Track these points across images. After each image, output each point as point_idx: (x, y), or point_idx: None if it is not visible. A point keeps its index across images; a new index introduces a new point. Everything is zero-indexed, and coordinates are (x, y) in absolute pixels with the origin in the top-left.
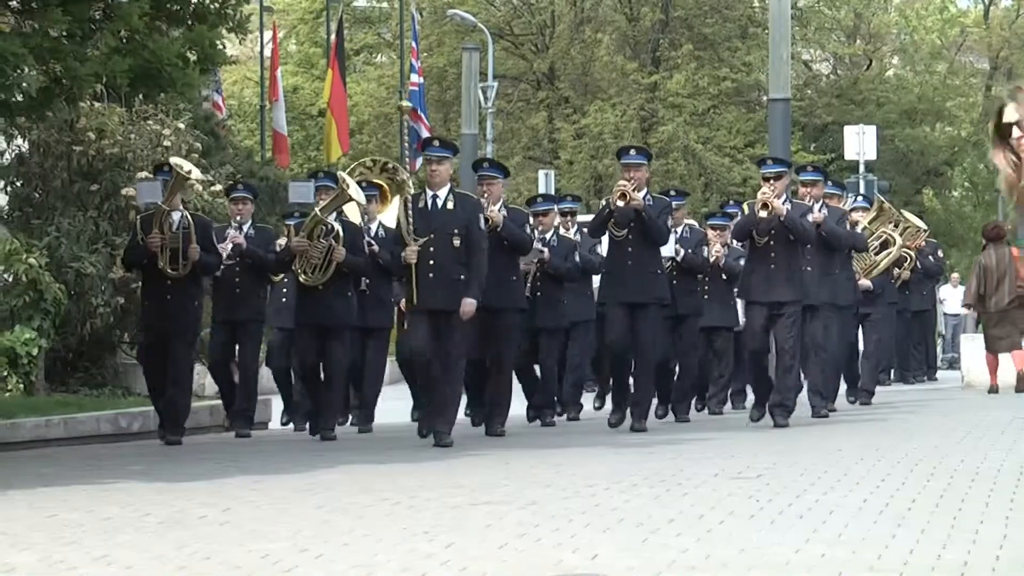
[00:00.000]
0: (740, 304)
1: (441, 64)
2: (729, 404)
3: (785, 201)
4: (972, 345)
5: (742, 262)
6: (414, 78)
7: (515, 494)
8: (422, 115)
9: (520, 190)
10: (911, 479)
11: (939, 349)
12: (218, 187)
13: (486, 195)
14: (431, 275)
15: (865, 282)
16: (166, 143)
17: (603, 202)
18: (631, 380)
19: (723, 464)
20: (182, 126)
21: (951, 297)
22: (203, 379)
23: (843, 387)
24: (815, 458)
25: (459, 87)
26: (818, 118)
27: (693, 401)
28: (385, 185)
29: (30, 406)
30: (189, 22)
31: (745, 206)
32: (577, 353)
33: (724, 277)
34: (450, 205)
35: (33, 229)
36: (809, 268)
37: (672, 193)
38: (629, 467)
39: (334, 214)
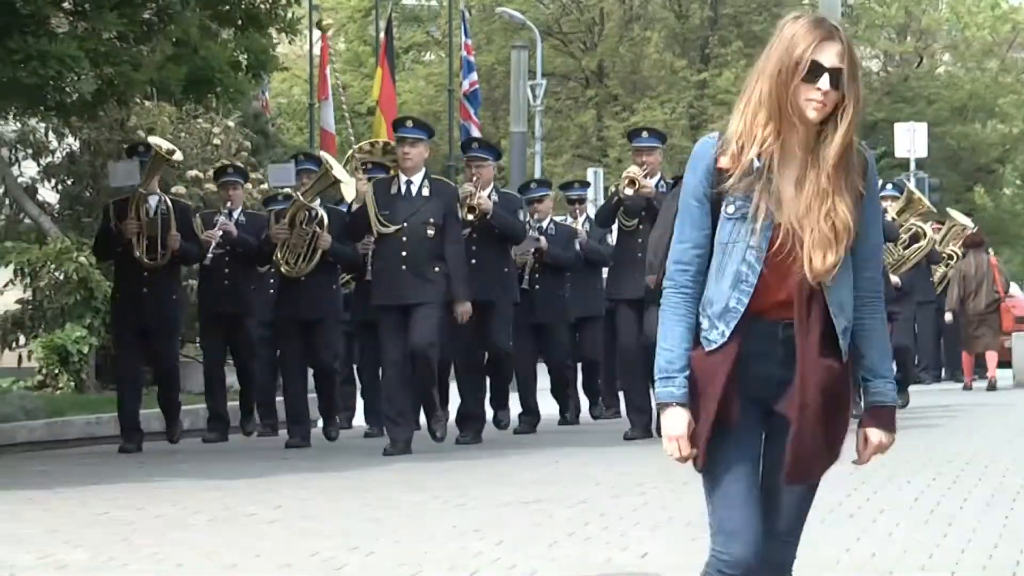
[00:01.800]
0: None
1: (490, 62)
2: None
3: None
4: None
5: None
6: (473, 76)
7: (564, 492)
8: (472, 113)
9: None
10: (961, 478)
11: None
12: (266, 185)
13: (475, 179)
14: (403, 267)
15: (894, 278)
16: (215, 141)
17: (611, 189)
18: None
19: None
20: (231, 124)
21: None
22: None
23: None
24: None
25: (507, 85)
26: (868, 115)
27: None
28: (390, 165)
29: (81, 404)
30: (240, 23)
31: None
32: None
33: None
34: (425, 192)
35: (84, 227)
36: None
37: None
38: (678, 465)
39: (319, 199)
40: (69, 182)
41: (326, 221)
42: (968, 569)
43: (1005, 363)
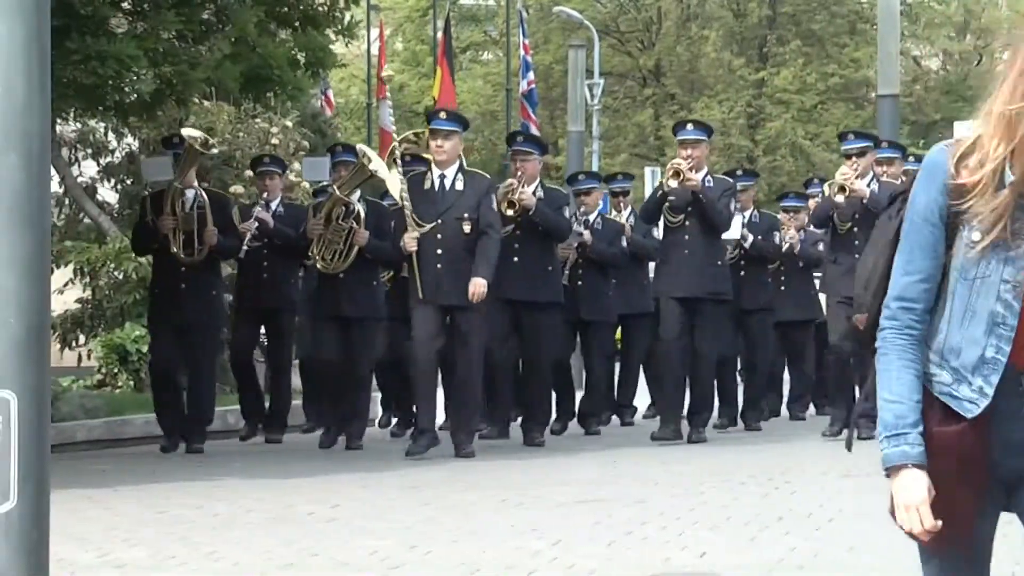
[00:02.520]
0: (823, 297)
1: (547, 62)
2: (812, 409)
3: (870, 182)
4: None
5: (820, 247)
6: (530, 76)
7: (622, 492)
8: (531, 112)
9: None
10: None
11: None
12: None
13: (520, 173)
14: (439, 266)
15: None
16: (274, 141)
17: (656, 183)
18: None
19: (831, 462)
20: (289, 124)
21: None
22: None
23: None
24: None
25: (565, 84)
26: (926, 115)
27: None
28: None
29: (140, 403)
30: (298, 24)
31: (826, 187)
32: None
33: (800, 265)
34: (459, 186)
35: None
36: None
37: (739, 173)
38: (736, 465)
39: (357, 193)
40: (128, 182)
41: (363, 216)
42: None
43: None
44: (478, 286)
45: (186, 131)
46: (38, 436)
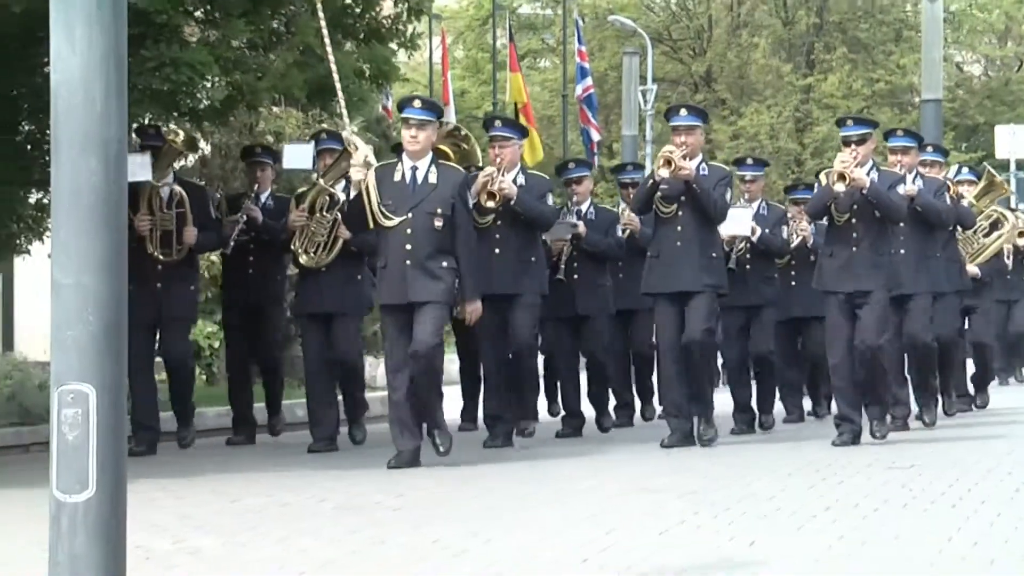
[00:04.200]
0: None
1: (602, 68)
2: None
3: (870, 171)
4: None
5: None
6: (588, 82)
7: (675, 483)
8: (592, 117)
9: None
10: None
11: None
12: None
13: (499, 160)
14: (407, 262)
15: (972, 268)
16: None
17: (647, 172)
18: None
19: (876, 453)
20: (355, 129)
21: None
22: (374, 371)
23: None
24: (965, 448)
25: (619, 90)
26: (970, 119)
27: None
28: (449, 150)
29: (212, 396)
30: (362, 36)
31: (822, 176)
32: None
33: (812, 259)
34: (432, 179)
35: None
36: (902, 251)
37: (749, 162)
38: (784, 457)
39: (343, 182)
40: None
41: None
42: None
43: None
44: (474, 310)
45: (170, 127)
46: (115, 428)
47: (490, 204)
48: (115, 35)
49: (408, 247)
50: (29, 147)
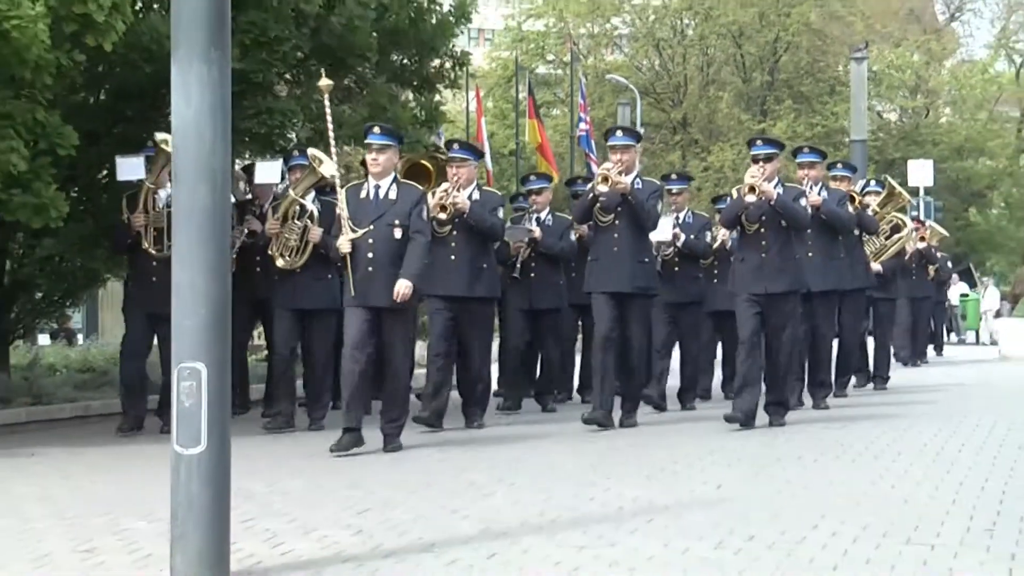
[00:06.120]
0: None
1: (601, 115)
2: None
3: (776, 184)
4: (1009, 327)
5: None
6: (582, 126)
7: (655, 440)
8: (591, 154)
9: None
10: (960, 429)
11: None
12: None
13: (456, 178)
14: (369, 269)
15: (876, 266)
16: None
17: (588, 186)
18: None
19: (815, 416)
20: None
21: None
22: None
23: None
24: (884, 411)
25: None
26: (888, 155)
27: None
28: (428, 164)
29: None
30: (415, 84)
31: (734, 191)
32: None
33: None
34: (392, 195)
35: None
36: (810, 254)
37: (673, 177)
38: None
39: (312, 194)
40: None
41: (316, 215)
42: (966, 496)
43: None
44: (403, 287)
45: (159, 135)
46: (221, 396)
47: (442, 216)
48: (221, 92)
49: (370, 255)
50: None
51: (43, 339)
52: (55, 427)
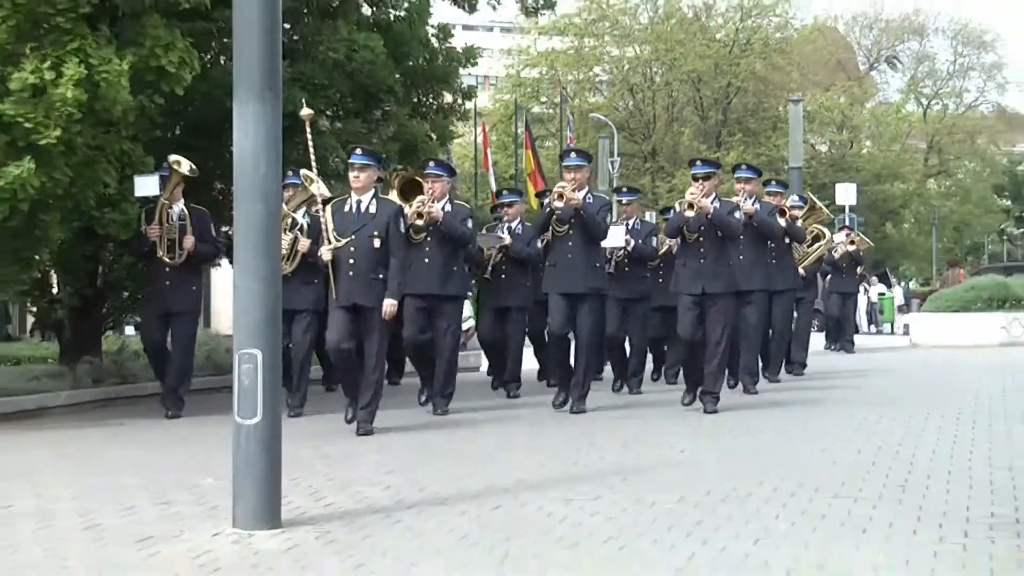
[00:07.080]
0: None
1: (585, 146)
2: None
3: (713, 200)
4: (918, 319)
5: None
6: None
7: (632, 413)
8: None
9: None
10: (885, 415)
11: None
12: None
13: (431, 192)
14: (351, 273)
15: (799, 270)
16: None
17: (545, 202)
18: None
19: (761, 396)
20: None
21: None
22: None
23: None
24: (816, 392)
25: (597, 161)
26: (820, 180)
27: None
28: (421, 179)
29: None
30: (430, 116)
31: (676, 205)
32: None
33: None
34: (372, 209)
35: None
36: (741, 258)
37: (624, 189)
38: (700, 404)
39: (303, 209)
40: None
41: (306, 227)
42: (884, 459)
43: None
44: (388, 306)
45: (172, 157)
46: (274, 377)
47: (419, 222)
48: (274, 126)
49: (351, 261)
50: (220, 198)
51: (129, 330)
52: (138, 403)
